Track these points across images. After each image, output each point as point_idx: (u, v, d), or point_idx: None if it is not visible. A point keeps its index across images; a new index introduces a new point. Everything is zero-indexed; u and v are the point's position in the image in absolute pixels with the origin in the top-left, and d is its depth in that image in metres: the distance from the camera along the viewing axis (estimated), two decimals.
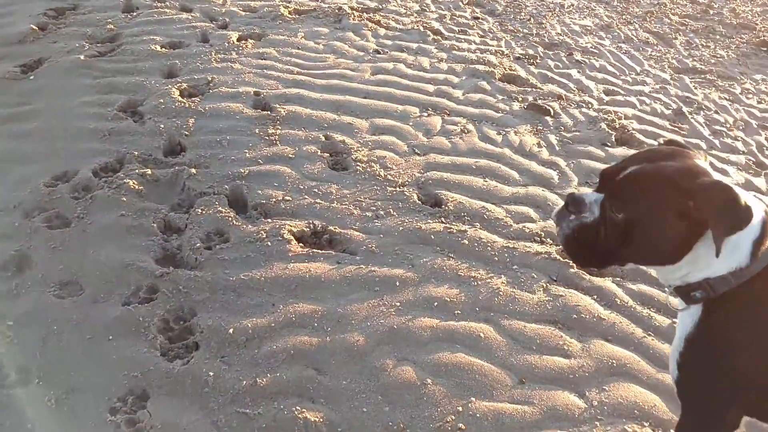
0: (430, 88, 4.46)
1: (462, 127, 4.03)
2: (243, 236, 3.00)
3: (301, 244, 3.01)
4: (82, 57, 4.41)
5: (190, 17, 5.12)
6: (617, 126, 4.21)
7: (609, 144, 4.04)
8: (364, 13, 5.52)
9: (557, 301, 2.78)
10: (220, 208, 3.15)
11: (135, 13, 5.13)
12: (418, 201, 3.35)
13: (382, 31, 5.23)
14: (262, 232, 3.02)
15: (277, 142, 3.67)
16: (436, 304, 2.72)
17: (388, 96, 4.28)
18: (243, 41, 4.83)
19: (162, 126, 3.72)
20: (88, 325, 2.55)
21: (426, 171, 3.58)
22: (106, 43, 4.70)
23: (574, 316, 2.72)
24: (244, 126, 3.78)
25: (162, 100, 3.94)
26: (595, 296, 2.84)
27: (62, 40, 4.66)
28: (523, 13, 6.00)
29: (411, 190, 3.41)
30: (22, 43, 4.62)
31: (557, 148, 3.95)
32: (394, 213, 3.23)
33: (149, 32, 4.80)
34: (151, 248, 2.93)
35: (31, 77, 4.23)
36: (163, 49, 4.60)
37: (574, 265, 2.03)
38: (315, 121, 3.90)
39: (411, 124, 4.01)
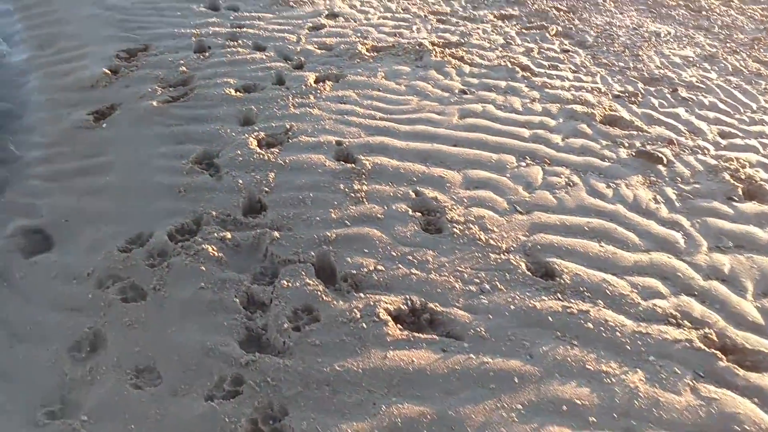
0: (525, 132, 4.06)
1: (566, 179, 3.61)
2: (334, 315, 2.67)
3: (399, 326, 2.65)
4: (154, 103, 4.22)
5: (263, 57, 4.89)
6: (742, 176, 3.71)
7: (736, 198, 3.55)
8: (446, 48, 5.15)
9: (711, 405, 2.33)
10: (307, 280, 2.84)
11: (207, 54, 4.93)
12: (527, 271, 2.95)
13: (466, 68, 4.85)
14: (356, 310, 2.68)
15: (364, 199, 3.34)
16: (564, 407, 2.31)
17: (479, 143, 3.90)
18: (320, 83, 4.53)
19: (240, 181, 3.45)
20: (168, 424, 2.28)
21: (532, 233, 3.18)
22: (179, 86, 4.51)
23: (735, 427, 2.26)
24: (328, 181, 3.46)
25: (239, 152, 3.68)
26: (756, 399, 2.37)
27: (134, 84, 4.49)
28: (616, 44, 5.53)
29: (517, 257, 3.02)
30: (94, 88, 4.48)
31: (677, 204, 3.48)
32: (502, 287, 2.85)
33: (223, 74, 4.59)
34: (234, 328, 2.64)
35: (104, 125, 4.06)
36: (238, 93, 4.37)
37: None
38: (403, 175, 3.56)
39: (508, 175, 3.62)
